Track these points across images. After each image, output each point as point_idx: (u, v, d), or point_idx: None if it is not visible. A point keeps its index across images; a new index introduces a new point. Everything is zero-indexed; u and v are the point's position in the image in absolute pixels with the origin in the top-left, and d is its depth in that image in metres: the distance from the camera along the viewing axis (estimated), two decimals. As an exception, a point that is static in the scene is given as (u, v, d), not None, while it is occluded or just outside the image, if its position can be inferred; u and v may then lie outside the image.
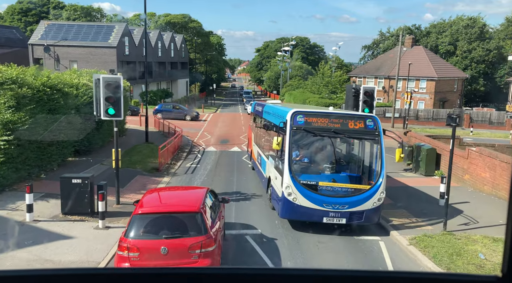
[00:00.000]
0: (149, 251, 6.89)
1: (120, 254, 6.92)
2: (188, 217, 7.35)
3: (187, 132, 30.14)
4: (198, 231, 7.12)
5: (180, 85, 69.42)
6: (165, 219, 7.43)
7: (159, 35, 59.16)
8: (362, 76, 52.98)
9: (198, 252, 6.92)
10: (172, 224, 7.36)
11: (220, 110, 56.55)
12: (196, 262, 6.88)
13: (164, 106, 39.58)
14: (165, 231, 7.17)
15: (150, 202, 8.06)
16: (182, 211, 7.52)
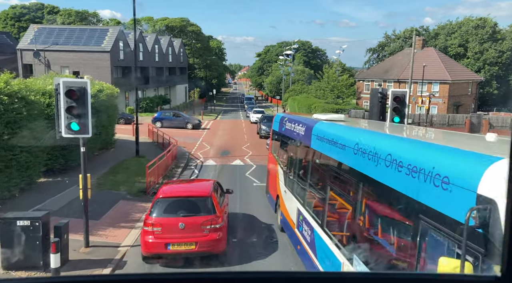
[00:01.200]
0: (169, 226, 8.52)
1: (146, 229, 8.60)
2: (200, 200, 9.07)
3: (184, 143, 27.40)
4: (208, 211, 8.78)
5: (178, 91, 66.82)
6: (182, 202, 9.08)
7: (156, 39, 56.63)
8: (369, 80, 50.31)
9: (209, 227, 8.58)
10: (188, 205, 8.99)
11: (220, 117, 53.85)
12: (207, 235, 8.57)
13: (163, 114, 36.89)
14: (182, 211, 8.80)
15: (169, 189, 9.75)
16: (196, 195, 9.35)
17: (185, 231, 8.53)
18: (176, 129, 35.18)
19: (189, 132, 33.98)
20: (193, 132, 33.60)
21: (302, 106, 49.50)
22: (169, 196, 9.26)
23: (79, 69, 44.54)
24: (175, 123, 36.08)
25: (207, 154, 24.08)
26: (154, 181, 15.36)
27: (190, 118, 36.92)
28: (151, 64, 55.36)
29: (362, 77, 51.41)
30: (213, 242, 8.65)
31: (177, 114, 37.02)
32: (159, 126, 35.67)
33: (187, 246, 8.57)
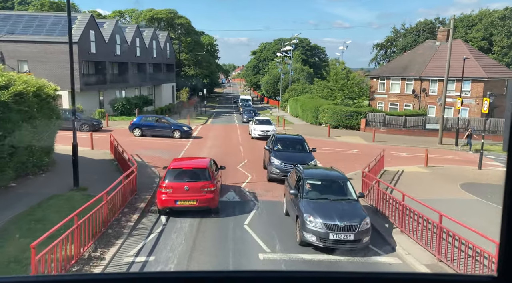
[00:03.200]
0: (178, 188, 11.75)
1: (160, 190, 11.90)
2: (200, 171, 12.38)
3: (159, 160, 20.13)
4: (206, 178, 12.08)
5: (164, 91, 59.35)
6: (187, 172, 12.37)
7: (137, 31, 49.13)
8: (385, 77, 43.25)
9: (206, 190, 11.83)
10: (191, 174, 12.28)
11: (211, 120, 46.47)
12: (205, 195, 11.81)
13: (144, 119, 29.35)
14: (187, 178, 12.10)
15: (177, 163, 13.09)
16: (197, 167, 12.61)
17: (189, 192, 11.75)
18: (160, 139, 27.84)
19: (171, 144, 26.62)
20: (176, 143, 26.19)
21: (307, 109, 42.26)
22: (177, 167, 12.64)
23: (40, 63, 37.03)
24: (159, 131, 28.75)
25: (187, 180, 16.72)
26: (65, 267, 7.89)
27: (178, 125, 29.51)
28: (131, 59, 47.88)
29: (376, 75, 44.41)
30: (209, 200, 11.90)
31: (162, 120, 29.55)
32: (138, 135, 28.35)
33: (190, 202, 11.76)
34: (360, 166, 20.80)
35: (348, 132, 34.10)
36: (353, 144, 29.24)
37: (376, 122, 34.17)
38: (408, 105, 41.42)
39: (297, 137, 19.52)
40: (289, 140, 18.49)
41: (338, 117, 35.57)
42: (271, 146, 18.01)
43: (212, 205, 11.99)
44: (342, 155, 24.88)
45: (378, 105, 43.99)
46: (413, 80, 40.89)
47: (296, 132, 34.15)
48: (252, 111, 44.63)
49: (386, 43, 66.77)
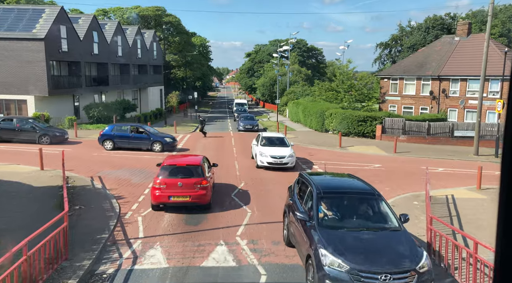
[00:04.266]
0: (171, 184, 11.99)
1: (154, 186, 12.10)
2: (194, 167, 12.56)
3: (126, 186, 15.02)
4: (199, 175, 12.27)
5: (151, 95, 54.17)
6: (181, 168, 12.58)
7: (119, 28, 43.94)
8: (397, 77, 38.38)
9: (199, 186, 12.05)
10: (185, 171, 12.48)
11: (202, 127, 41.24)
12: (198, 191, 12.01)
13: (117, 129, 24.01)
14: (181, 174, 12.32)
15: (171, 161, 13.08)
16: (191, 164, 12.81)
17: (183, 188, 12.02)
18: (136, 154, 22.68)
19: (149, 160, 21.45)
20: (155, 159, 20.98)
21: (310, 113, 37.23)
22: (171, 164, 12.78)
23: (0, 62, 31.81)
24: (136, 143, 23.51)
25: (156, 225, 11.54)
26: None
27: (160, 135, 24.29)
28: (112, 59, 42.69)
29: (387, 75, 39.51)
30: (202, 196, 12.13)
31: (139, 130, 24.23)
32: (109, 148, 23.17)
33: (183, 198, 12.01)
34: (392, 189, 15.71)
35: (361, 141, 29.08)
36: (371, 156, 24.21)
37: (394, 129, 29.20)
38: (424, 109, 36.54)
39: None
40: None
41: (349, 123, 30.58)
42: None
43: (204, 200, 12.32)
44: (362, 171, 19.80)
45: (389, 108, 39.09)
46: (431, 80, 36.03)
47: (300, 142, 29.10)
48: (249, 118, 38.67)
49: (391, 41, 62.03)
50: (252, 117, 38.98)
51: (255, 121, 37.68)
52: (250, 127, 35.92)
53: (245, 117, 38.63)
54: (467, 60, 34.50)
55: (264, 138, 20.62)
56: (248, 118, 38.36)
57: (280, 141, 20.56)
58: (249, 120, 37.47)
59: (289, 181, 14.87)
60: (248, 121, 37.10)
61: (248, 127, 35.91)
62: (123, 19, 57.64)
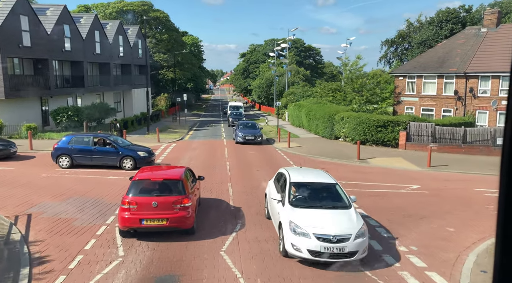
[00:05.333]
0: (144, 204, 9.63)
1: (123, 206, 9.66)
2: (173, 183, 10.27)
3: (63, 232, 9.89)
4: (179, 192, 9.99)
5: (137, 98, 48.92)
6: (156, 184, 10.23)
7: (96, 21, 38.69)
8: (414, 75, 33.46)
9: (179, 206, 9.71)
10: (161, 187, 10.16)
11: (191, 134, 36.10)
12: (177, 213, 9.67)
13: (76, 140, 18.64)
14: (156, 191, 10.00)
15: (145, 173, 10.74)
16: (169, 178, 10.51)
17: (158, 208, 9.60)
18: (100, 173, 17.53)
19: (115, 183, 16.37)
20: (122, 182, 15.80)
21: (316, 117, 32.18)
22: (144, 178, 10.37)
23: None
24: (100, 159, 18.24)
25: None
26: None
27: (132, 148, 19.01)
28: (89, 57, 37.43)
29: (402, 72, 34.56)
30: (182, 219, 9.71)
31: (106, 141, 18.97)
32: (65, 165, 18.06)
33: (159, 221, 9.58)
34: (458, 231, 10.56)
35: (382, 151, 24.03)
36: (401, 172, 19.16)
37: (421, 136, 24.18)
38: (448, 111, 31.63)
39: None
40: None
41: (365, 129, 25.56)
42: None
43: (186, 225, 9.91)
44: (400, 197, 14.73)
45: (406, 110, 34.15)
46: (455, 78, 31.13)
47: (308, 153, 24.02)
48: (250, 126, 29.98)
49: (397, 38, 57.25)
50: (254, 125, 30.37)
51: (258, 131, 29.03)
52: (251, 138, 27.68)
53: (244, 124, 30.51)
54: (498, 54, 29.65)
55: (296, 185, 10.13)
56: (248, 126, 30.13)
57: (332, 195, 10.07)
58: (250, 129, 29.04)
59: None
60: (249, 131, 28.63)
61: (249, 138, 27.68)
62: (105, 15, 52.41)
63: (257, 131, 28.70)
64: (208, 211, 12.38)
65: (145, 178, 10.40)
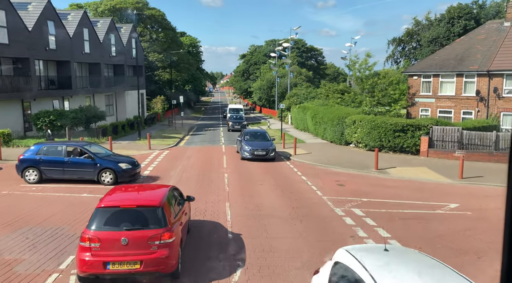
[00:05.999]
0: (110, 242, 7.21)
1: (82, 244, 7.23)
2: (149, 211, 7.62)
3: None
4: (158, 224, 7.43)
5: (130, 100, 46.11)
6: (127, 212, 7.66)
7: (84, 18, 35.94)
8: (430, 74, 30.68)
9: (158, 243, 7.26)
10: (134, 217, 7.58)
11: (188, 139, 33.28)
12: (155, 252, 7.22)
13: (46, 150, 15.72)
14: (126, 223, 7.42)
15: (114, 197, 8.28)
16: (144, 205, 7.77)
17: (129, 247, 7.19)
18: (71, 189, 14.75)
19: (89, 203, 13.53)
20: (95, 201, 12.91)
21: (323, 121, 29.38)
22: (112, 205, 7.78)
23: None
24: (74, 172, 15.38)
25: None
26: None
27: (113, 159, 16.12)
28: (77, 57, 34.68)
29: (417, 71, 31.76)
30: (162, 260, 7.23)
31: (81, 151, 16.07)
32: (33, 180, 15.27)
33: (130, 265, 7.13)
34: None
35: (402, 159, 21.18)
36: (430, 186, 16.31)
37: (446, 142, 21.32)
38: (468, 113, 28.80)
39: None
40: None
41: (381, 134, 22.72)
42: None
43: (167, 268, 7.30)
44: (439, 221, 11.88)
45: (421, 113, 31.34)
46: (476, 77, 28.32)
47: (318, 161, 21.17)
48: (259, 136, 23.45)
49: (405, 37, 54.50)
50: (264, 135, 23.55)
51: (270, 143, 22.35)
52: (262, 153, 21.31)
53: (252, 134, 23.53)
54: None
55: None
56: (257, 136, 23.29)
57: None
58: (260, 141, 22.41)
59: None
60: (259, 144, 21.98)
61: (260, 153, 21.28)
62: (97, 14, 49.71)
63: (269, 144, 22.16)
64: (199, 242, 9.56)
65: (112, 204, 7.82)
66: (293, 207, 12.84)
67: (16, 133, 27.78)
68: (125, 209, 7.74)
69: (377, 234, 10.42)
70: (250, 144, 21.82)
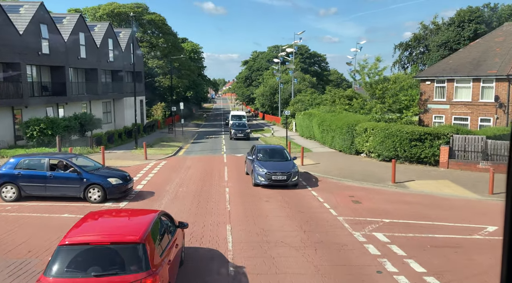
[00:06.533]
0: None
1: None
2: (127, 249, 5.95)
3: None
4: (138, 266, 5.77)
5: (129, 107, 44.56)
6: (98, 251, 5.99)
7: (80, 22, 34.48)
8: (444, 79, 28.96)
9: None
10: (107, 257, 5.95)
11: (187, 148, 31.58)
12: None
13: (26, 164, 13.97)
14: (96, 267, 5.78)
15: (83, 228, 6.51)
16: (120, 241, 6.01)
17: None
18: (51, 209, 13.09)
19: (68, 222, 11.78)
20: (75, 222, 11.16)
21: (331, 128, 27.65)
22: (78, 242, 5.99)
23: None
24: (58, 189, 13.62)
25: None
26: None
27: (102, 174, 14.37)
28: (72, 62, 33.17)
29: (430, 76, 30.06)
30: None
31: (66, 164, 14.33)
32: (10, 198, 13.53)
33: None
34: None
35: (420, 171, 19.37)
36: (459, 202, 14.49)
37: (468, 152, 19.50)
38: (486, 120, 27.01)
39: None
40: None
41: (396, 143, 20.94)
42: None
43: None
44: (486, 252, 10.09)
45: (434, 120, 29.58)
46: (495, 82, 26.56)
47: (327, 173, 19.39)
48: (276, 153, 18.31)
49: (412, 42, 52.89)
50: (282, 152, 18.32)
51: (292, 164, 17.08)
52: (283, 178, 16.14)
53: (267, 151, 18.41)
54: (547, 53, 25.13)
55: None
56: (274, 153, 18.23)
57: None
58: (279, 162, 17.19)
59: None
60: (278, 165, 16.82)
61: (279, 178, 16.14)
62: (95, 18, 48.36)
63: (290, 165, 16.87)
64: (193, 280, 7.78)
65: (79, 240, 6.08)
66: (304, 230, 11.06)
67: (6, 142, 26.20)
68: (96, 247, 6.03)
69: (408, 267, 8.62)
70: (265, 165, 16.65)
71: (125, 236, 6.23)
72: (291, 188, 16.34)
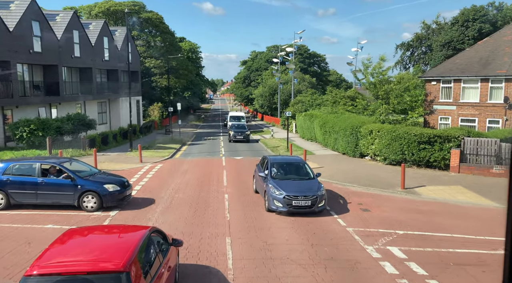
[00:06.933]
0: None
1: None
2: (107, 280, 4.92)
3: None
4: None
5: (125, 108, 43.46)
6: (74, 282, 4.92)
7: (74, 20, 33.39)
8: (450, 79, 27.99)
9: None
10: None
11: (184, 150, 30.51)
12: None
13: (15, 169, 12.81)
14: None
15: (57, 251, 5.52)
16: (99, 271, 4.98)
17: None
18: (40, 219, 12.03)
19: (53, 234, 10.71)
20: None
21: (334, 130, 26.64)
22: (48, 272, 4.90)
23: None
24: (49, 196, 12.53)
25: None
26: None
27: (98, 179, 13.27)
28: (65, 61, 32.07)
29: (435, 76, 29.08)
30: None
31: (60, 170, 13.24)
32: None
33: None
34: None
35: (430, 176, 18.36)
36: (475, 211, 13.50)
37: (480, 156, 18.51)
38: (495, 122, 26.03)
39: None
40: None
41: (404, 146, 19.94)
42: None
43: None
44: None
45: (440, 121, 28.61)
46: (504, 82, 25.59)
47: (331, 178, 18.36)
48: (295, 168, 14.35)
49: (414, 41, 51.95)
50: (302, 168, 14.37)
51: (316, 183, 13.26)
52: (306, 204, 12.31)
53: (283, 165, 14.45)
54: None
55: None
56: (291, 169, 14.34)
57: None
58: (300, 181, 13.52)
59: None
60: (299, 185, 13.03)
61: (302, 204, 12.31)
62: (91, 17, 47.24)
63: (314, 185, 13.11)
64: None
65: (49, 270, 4.98)
66: (312, 244, 10.02)
67: (-6, 144, 25.12)
68: (70, 278, 4.96)
69: (433, 290, 7.58)
70: (283, 186, 12.80)
71: (106, 262, 5.19)
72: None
